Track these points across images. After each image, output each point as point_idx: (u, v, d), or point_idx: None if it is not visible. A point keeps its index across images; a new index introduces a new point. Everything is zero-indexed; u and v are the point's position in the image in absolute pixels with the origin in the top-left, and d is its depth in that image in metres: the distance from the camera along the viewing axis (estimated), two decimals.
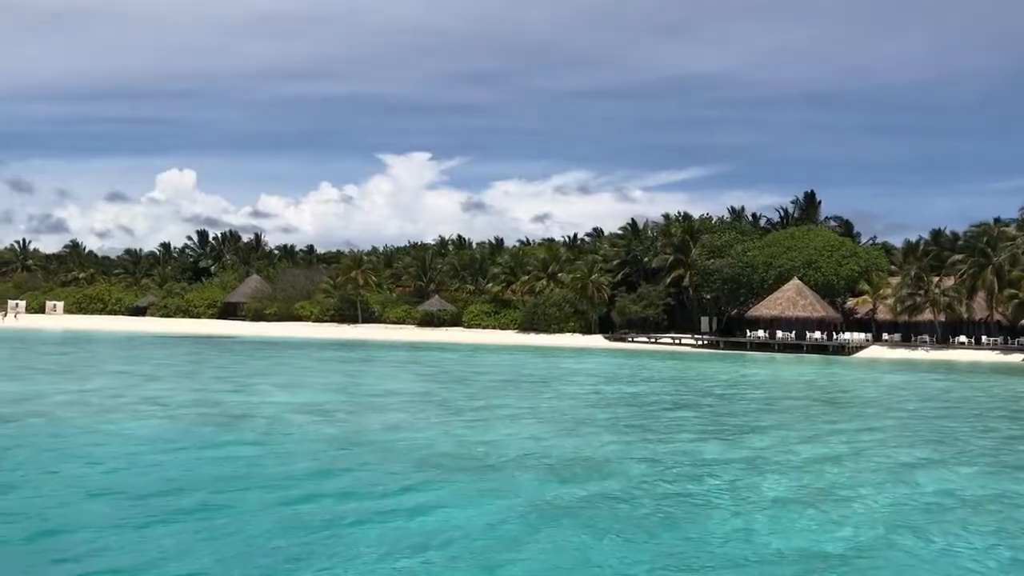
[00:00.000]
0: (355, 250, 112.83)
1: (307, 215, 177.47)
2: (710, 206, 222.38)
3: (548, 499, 13.34)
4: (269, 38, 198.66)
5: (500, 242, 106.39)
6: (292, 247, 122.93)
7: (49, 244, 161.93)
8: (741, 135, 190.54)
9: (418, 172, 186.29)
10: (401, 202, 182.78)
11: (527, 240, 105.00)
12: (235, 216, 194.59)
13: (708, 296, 77.18)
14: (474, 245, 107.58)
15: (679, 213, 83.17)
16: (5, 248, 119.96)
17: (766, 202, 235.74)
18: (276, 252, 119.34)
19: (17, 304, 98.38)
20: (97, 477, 13.96)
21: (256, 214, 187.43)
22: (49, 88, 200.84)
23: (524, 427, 21.27)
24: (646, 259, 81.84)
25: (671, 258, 78.08)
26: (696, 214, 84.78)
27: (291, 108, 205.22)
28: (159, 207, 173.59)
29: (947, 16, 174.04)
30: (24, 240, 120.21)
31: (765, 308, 70.33)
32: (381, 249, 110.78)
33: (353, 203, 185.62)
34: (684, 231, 79.09)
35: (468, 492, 13.66)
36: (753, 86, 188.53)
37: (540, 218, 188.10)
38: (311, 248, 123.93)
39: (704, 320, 78.26)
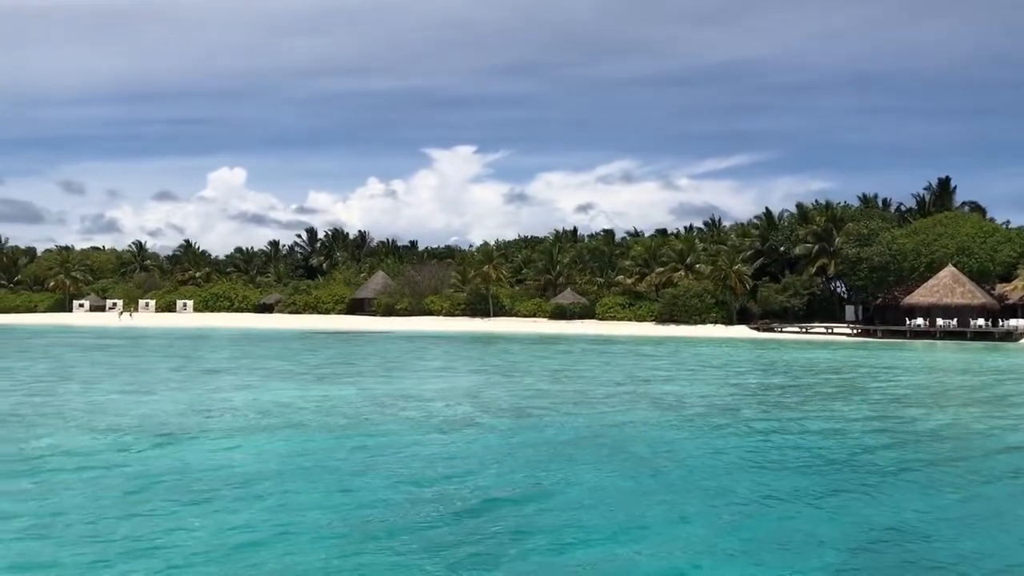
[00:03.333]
0: (446, 245, 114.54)
1: (355, 210, 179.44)
2: (758, 192, 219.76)
3: None
4: (313, 35, 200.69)
5: (611, 234, 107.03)
6: (394, 243, 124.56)
7: (103, 244, 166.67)
8: (788, 120, 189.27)
9: (463, 165, 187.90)
10: (447, 196, 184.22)
11: (637, 232, 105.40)
12: (283, 213, 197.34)
13: (856, 284, 77.01)
14: (585, 238, 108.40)
15: (816, 202, 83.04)
16: (124, 250, 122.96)
17: (816, 187, 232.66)
18: (381, 248, 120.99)
19: (148, 304, 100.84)
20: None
21: (303, 210, 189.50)
22: (98, 91, 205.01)
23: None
24: (783, 248, 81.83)
25: (815, 247, 77.95)
26: (744, 201, 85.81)
27: (337, 104, 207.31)
28: (209, 205, 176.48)
29: None
30: (140, 241, 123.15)
31: (921, 296, 70.05)
32: (492, 243, 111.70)
33: (399, 197, 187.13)
34: (827, 219, 78.88)
35: None
36: (799, 70, 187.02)
37: (583, 208, 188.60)
38: (413, 244, 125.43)
39: (849, 309, 78.11)
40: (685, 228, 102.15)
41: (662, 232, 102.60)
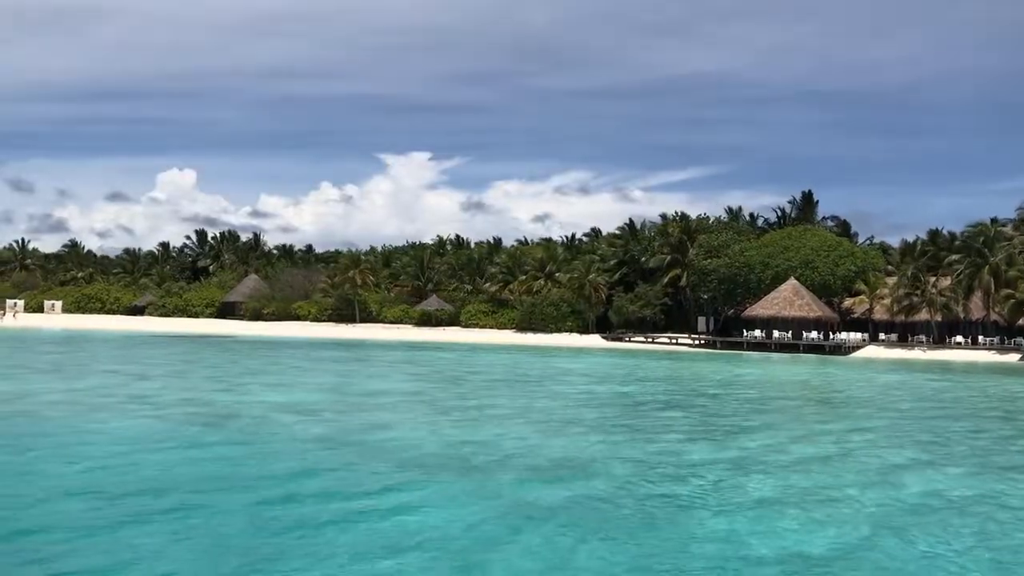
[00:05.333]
0: (353, 250, 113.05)
1: (307, 215, 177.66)
2: (710, 206, 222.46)
3: (531, 499, 13.31)
4: (269, 37, 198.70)
5: (499, 242, 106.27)
6: (291, 247, 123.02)
7: (49, 244, 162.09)
8: (741, 135, 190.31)
9: (418, 172, 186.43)
10: (401, 202, 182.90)
11: (525, 240, 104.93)
12: (235, 216, 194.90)
13: (705, 296, 77.12)
14: (472, 245, 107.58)
15: (676, 213, 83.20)
16: (4, 248, 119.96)
17: (766, 202, 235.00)
18: (275, 252, 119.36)
19: (16, 304, 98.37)
20: (75, 476, 13.95)
21: (256, 214, 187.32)
22: (49, 88, 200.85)
23: (512, 427, 21.24)
24: (643, 259, 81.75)
25: (668, 258, 78.03)
26: (696, 214, 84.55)
27: (291, 108, 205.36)
28: (159, 207, 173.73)
29: (946, 14, 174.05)
30: (23, 239, 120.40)
31: (762, 308, 70.24)
32: (380, 249, 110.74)
33: (353, 203, 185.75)
34: (681, 231, 79.01)
35: (450, 492, 13.64)
36: (752, 85, 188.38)
37: (540, 218, 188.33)
38: (310, 248, 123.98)
39: (701, 320, 78.18)
40: (567, 238, 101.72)
41: (569, 239, 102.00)
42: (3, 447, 16.44)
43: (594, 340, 75.32)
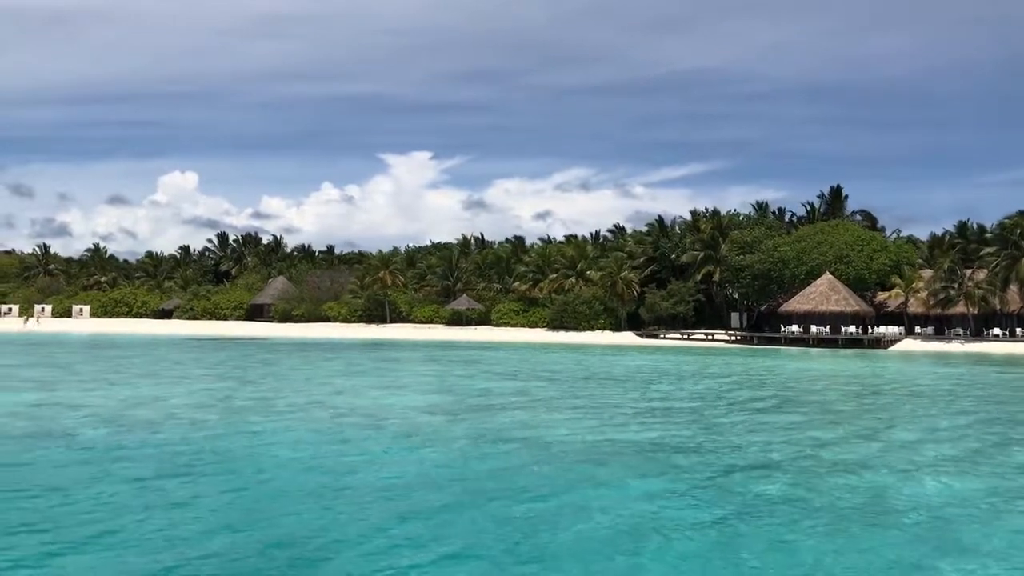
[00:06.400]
0: (353, 250, 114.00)
1: (309, 216, 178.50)
2: (712, 201, 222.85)
3: (716, 487, 14.00)
4: (269, 39, 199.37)
5: (521, 241, 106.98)
6: (310, 248, 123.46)
7: (52, 248, 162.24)
8: (742, 130, 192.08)
9: (419, 171, 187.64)
10: (402, 202, 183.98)
11: (550, 238, 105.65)
12: (237, 218, 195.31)
13: (739, 292, 77.81)
14: (496, 244, 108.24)
15: (706, 209, 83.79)
16: (28, 253, 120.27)
17: (767, 197, 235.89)
18: (296, 254, 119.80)
19: (43, 308, 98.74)
20: (314, 482, 14.49)
21: (258, 215, 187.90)
22: (49, 92, 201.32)
23: (647, 422, 21.86)
24: (673, 256, 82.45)
25: (700, 254, 78.66)
26: (693, 209, 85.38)
27: (292, 109, 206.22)
28: (161, 210, 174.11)
29: (946, 7, 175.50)
30: (45, 244, 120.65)
31: (798, 303, 70.95)
32: (403, 249, 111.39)
33: (355, 203, 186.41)
34: (713, 227, 79.64)
35: (635, 482, 14.29)
36: (753, 80, 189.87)
37: (541, 216, 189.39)
38: (330, 248, 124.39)
39: (734, 316, 78.90)
40: (593, 235, 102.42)
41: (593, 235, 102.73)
42: (191, 447, 16.92)
43: (628, 338, 75.90)
